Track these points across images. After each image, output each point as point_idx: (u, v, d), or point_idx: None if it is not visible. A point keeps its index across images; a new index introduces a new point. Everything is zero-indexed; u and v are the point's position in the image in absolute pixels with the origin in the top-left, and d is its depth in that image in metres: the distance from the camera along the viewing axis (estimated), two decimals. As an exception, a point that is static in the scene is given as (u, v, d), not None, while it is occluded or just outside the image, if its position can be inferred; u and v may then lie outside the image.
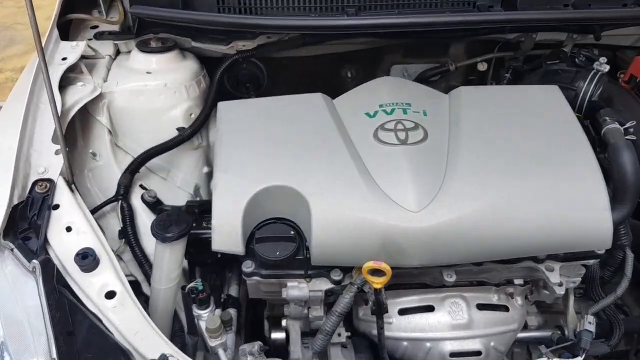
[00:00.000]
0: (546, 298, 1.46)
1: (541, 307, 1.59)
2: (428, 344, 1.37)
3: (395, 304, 1.39)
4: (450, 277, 1.31)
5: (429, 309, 1.39)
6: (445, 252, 1.22)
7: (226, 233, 1.23)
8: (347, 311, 1.24)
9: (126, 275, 1.55)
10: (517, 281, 1.41)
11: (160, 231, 1.27)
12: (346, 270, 1.28)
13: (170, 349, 1.10)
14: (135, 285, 1.54)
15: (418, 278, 1.39)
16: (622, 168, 1.31)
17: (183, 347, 1.38)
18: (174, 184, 1.76)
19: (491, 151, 1.29)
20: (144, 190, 1.61)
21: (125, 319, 1.10)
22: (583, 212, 1.22)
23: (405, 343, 1.38)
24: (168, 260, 1.30)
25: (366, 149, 1.30)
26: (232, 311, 1.50)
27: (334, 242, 1.21)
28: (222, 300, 1.49)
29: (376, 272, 1.16)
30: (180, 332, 1.40)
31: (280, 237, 1.24)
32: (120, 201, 1.54)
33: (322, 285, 1.28)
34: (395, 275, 1.36)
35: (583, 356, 1.32)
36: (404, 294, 1.40)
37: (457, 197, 1.21)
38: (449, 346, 1.36)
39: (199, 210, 1.51)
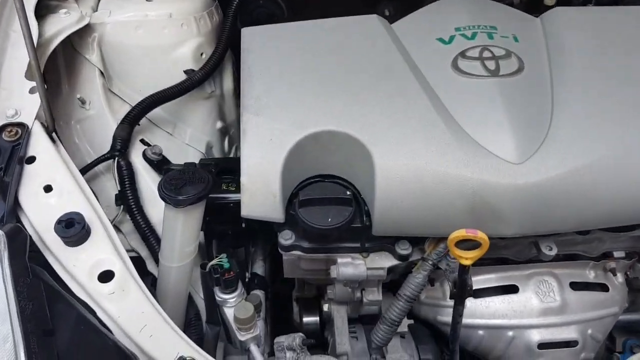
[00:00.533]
0: (641, 274, 1.18)
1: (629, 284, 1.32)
2: (510, 333, 1.09)
3: (468, 283, 1.11)
4: (549, 250, 1.01)
5: (512, 289, 1.10)
6: (552, 216, 0.92)
7: (260, 194, 0.93)
8: (418, 295, 0.95)
9: (127, 251, 1.27)
10: (617, 254, 1.13)
11: (171, 192, 0.96)
12: (415, 242, 0.99)
13: (190, 348, 0.81)
14: (138, 263, 1.24)
15: (497, 252, 1.10)
16: None
17: (200, 340, 1.09)
18: (182, 141, 1.44)
19: (606, 88, 0.98)
20: (146, 147, 1.30)
21: (127, 310, 0.80)
22: None
23: (481, 332, 1.10)
24: (182, 230, 1.00)
25: (443, 83, 0.99)
26: (260, 294, 1.21)
27: (405, 205, 0.91)
28: (246, 280, 1.20)
29: (462, 243, 0.86)
30: (197, 320, 1.11)
31: (331, 200, 0.94)
32: (116, 158, 1.22)
33: (384, 261, 0.99)
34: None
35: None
36: (480, 272, 1.11)
37: (569, 145, 0.91)
38: (537, 335, 1.08)
39: (216, 170, 1.21)
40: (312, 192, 0.94)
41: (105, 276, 0.82)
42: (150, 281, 1.10)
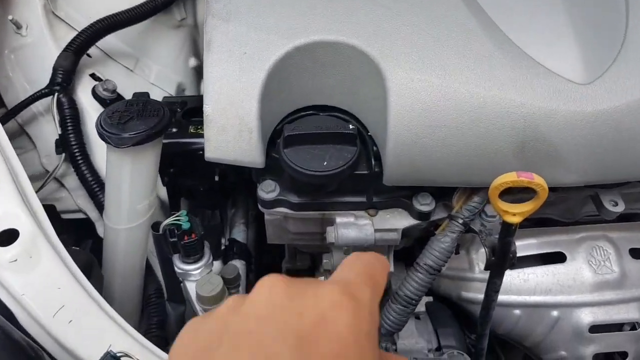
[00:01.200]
0: None
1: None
2: (555, 313, 0.86)
3: (500, 250, 0.87)
4: (614, 206, 0.77)
5: (557, 258, 0.87)
6: (628, 156, 0.68)
7: (231, 129, 0.68)
8: (444, 265, 0.71)
9: (71, 211, 1.03)
10: (684, 214, 0.90)
11: (112, 129, 0.72)
12: (439, 195, 0.74)
13: (127, 337, 0.57)
14: (85, 226, 1.00)
15: (541, 210, 0.86)
16: None
17: (162, 323, 0.86)
18: (147, 80, 1.18)
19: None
20: (96, 82, 1.04)
21: (35, 284, 0.56)
22: None
23: (517, 312, 0.87)
24: (130, 180, 0.75)
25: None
26: (239, 264, 0.98)
27: (428, 143, 0.66)
28: (222, 248, 0.96)
29: (505, 194, 0.62)
30: (158, 298, 0.87)
31: (327, 136, 0.68)
32: (56, 94, 0.97)
33: (398, 221, 0.75)
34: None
35: None
36: (516, 236, 0.87)
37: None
38: (589, 315, 0.85)
39: (183, 109, 0.96)
40: (302, 127, 0.69)
41: (6, 237, 0.58)
42: (89, 245, 0.86)
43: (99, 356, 0.53)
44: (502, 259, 0.69)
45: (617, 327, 0.85)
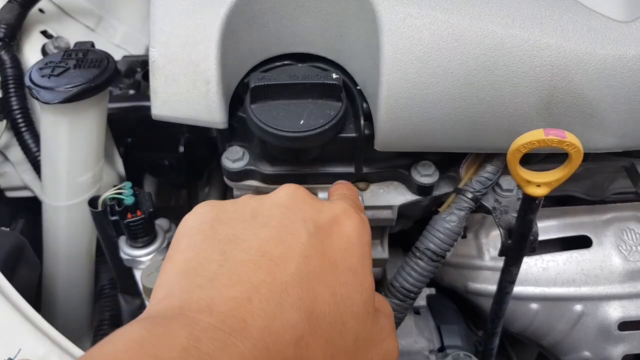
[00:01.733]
0: None
1: None
2: (578, 307, 0.73)
3: (514, 234, 0.74)
4: (658, 179, 0.64)
5: (582, 242, 0.74)
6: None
7: (184, 79, 0.54)
8: (449, 249, 0.58)
9: (16, 189, 0.90)
10: None
11: (43, 82, 0.59)
12: (443, 165, 0.61)
13: (44, 341, 0.44)
14: (32, 205, 0.87)
15: (562, 186, 0.73)
16: None
17: (116, 318, 0.73)
18: (110, 40, 1.04)
19: None
20: (47, 40, 0.90)
21: None
22: None
23: (534, 306, 0.74)
24: (67, 144, 0.62)
25: None
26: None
27: (432, 97, 0.52)
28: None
29: (524, 161, 0.49)
30: (112, 289, 0.74)
31: (306, 88, 0.55)
32: (-3, 52, 0.83)
33: (394, 196, 0.61)
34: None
35: None
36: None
37: None
38: (619, 310, 0.72)
39: (144, 69, 0.83)
40: (274, 77, 0.55)
41: None
42: (21, 225, 0.73)
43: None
44: (520, 243, 0.56)
45: (651, 324, 0.73)
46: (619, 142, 0.56)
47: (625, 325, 0.72)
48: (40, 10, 0.94)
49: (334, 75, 0.55)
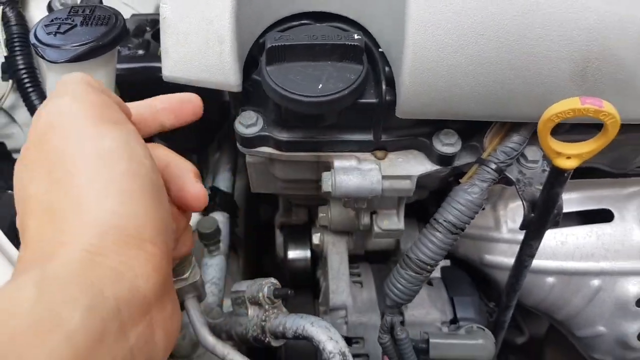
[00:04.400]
0: None
1: None
2: (596, 282, 0.71)
3: (533, 206, 0.72)
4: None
5: (603, 216, 0.72)
6: None
7: (196, 38, 0.51)
8: (469, 221, 0.56)
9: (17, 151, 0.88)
10: None
11: (48, 40, 0.56)
12: (466, 134, 0.58)
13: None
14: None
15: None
16: None
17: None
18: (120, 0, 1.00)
19: None
20: (53, -4, 0.87)
21: None
22: None
23: (550, 279, 0.72)
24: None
25: None
26: (221, 217, 0.84)
27: (461, 59, 0.49)
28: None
29: (555, 134, 0.46)
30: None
31: (326, 49, 0.52)
32: (2, 7, 0.80)
33: (413, 165, 0.59)
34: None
35: None
36: (554, 189, 0.72)
37: None
38: (637, 286, 0.71)
39: (153, 29, 0.79)
40: (291, 37, 0.52)
41: None
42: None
43: None
44: (544, 216, 0.54)
45: (671, 301, 0.71)
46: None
47: (644, 301, 0.71)
48: (45, -36, 0.90)
49: (356, 36, 0.52)
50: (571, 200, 0.72)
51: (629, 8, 0.48)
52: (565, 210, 0.72)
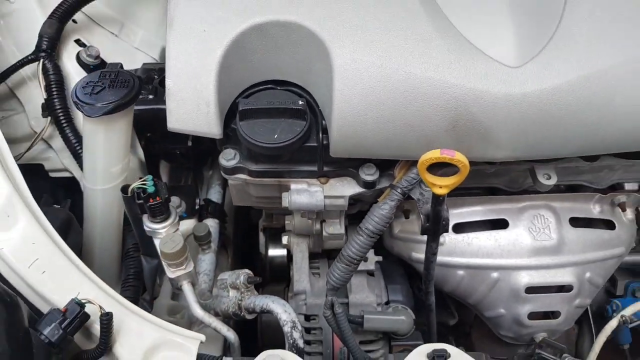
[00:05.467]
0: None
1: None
2: (495, 274, 0.93)
3: (450, 216, 0.94)
4: (548, 179, 0.84)
5: (500, 224, 0.94)
6: (554, 136, 0.74)
7: (190, 101, 0.74)
8: (383, 229, 0.78)
9: (58, 170, 1.11)
10: (629, 185, 0.95)
11: (85, 99, 0.79)
12: (384, 166, 0.81)
13: (94, 287, 0.66)
14: (71, 184, 1.08)
15: (486, 180, 0.93)
16: None
17: (138, 274, 0.95)
18: (131, 44, 1.23)
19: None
20: (81, 48, 1.10)
21: (12, 240, 0.65)
22: None
23: (460, 272, 0.95)
24: (103, 145, 0.83)
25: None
26: (212, 223, 1.06)
27: (370, 119, 0.72)
28: (197, 207, 1.04)
29: (437, 167, 0.69)
30: (135, 252, 0.96)
31: (280, 111, 0.75)
32: (41, 61, 1.03)
33: (346, 188, 0.82)
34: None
35: None
36: (463, 203, 0.94)
37: (580, 47, 0.71)
38: (526, 277, 0.93)
39: (160, 76, 1.02)
40: (256, 101, 0.75)
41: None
42: (69, 204, 0.95)
43: (67, 301, 0.61)
44: (435, 225, 0.77)
45: (552, 289, 0.93)
46: (510, 154, 0.75)
47: (531, 289, 0.93)
48: (74, 21, 1.13)
49: (300, 102, 0.75)
50: (477, 212, 0.94)
51: (483, 85, 0.70)
52: (473, 219, 0.94)
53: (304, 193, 0.81)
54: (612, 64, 0.71)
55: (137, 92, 0.81)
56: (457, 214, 0.94)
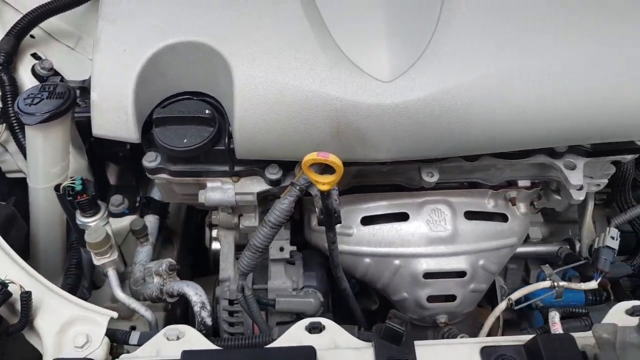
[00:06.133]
0: (557, 205, 1.13)
1: (546, 214, 1.27)
2: (397, 262, 1.05)
3: (358, 210, 1.06)
4: (430, 177, 0.96)
5: (402, 217, 1.06)
6: (423, 140, 0.86)
7: (112, 111, 0.86)
8: (284, 221, 0.89)
9: (14, 171, 1.23)
10: (522, 182, 1.07)
11: (25, 109, 0.90)
12: (288, 166, 0.93)
13: (19, 271, 0.77)
14: (24, 183, 1.19)
15: (388, 178, 1.05)
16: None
17: (79, 264, 1.07)
18: (86, 56, 1.34)
19: (501, 4, 0.88)
20: (36, 61, 1.21)
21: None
22: (623, 85, 0.85)
23: (367, 260, 1.06)
24: (43, 149, 0.95)
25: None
26: (152, 219, 1.17)
27: (266, 126, 0.84)
28: (137, 204, 1.16)
29: (324, 168, 0.81)
30: (78, 244, 1.08)
31: (190, 119, 0.87)
32: (-1, 73, 1.14)
33: (254, 186, 0.94)
34: (359, 174, 1.03)
35: (599, 279, 1.01)
36: (370, 199, 1.06)
37: (446, 62, 0.83)
38: (424, 264, 1.05)
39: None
40: (170, 111, 0.87)
41: None
42: (13, 201, 1.06)
43: (-5, 283, 0.73)
44: (328, 218, 0.88)
45: (447, 274, 1.05)
46: (388, 156, 0.87)
47: (429, 275, 1.04)
48: (31, 36, 1.24)
49: (207, 111, 0.86)
50: (382, 206, 1.06)
51: (359, 97, 0.82)
52: (378, 212, 1.06)
53: (217, 190, 0.92)
54: (470, 79, 0.82)
55: (72, 103, 0.93)
56: (364, 208, 1.06)
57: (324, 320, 0.79)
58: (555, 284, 1.01)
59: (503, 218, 1.08)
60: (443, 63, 0.83)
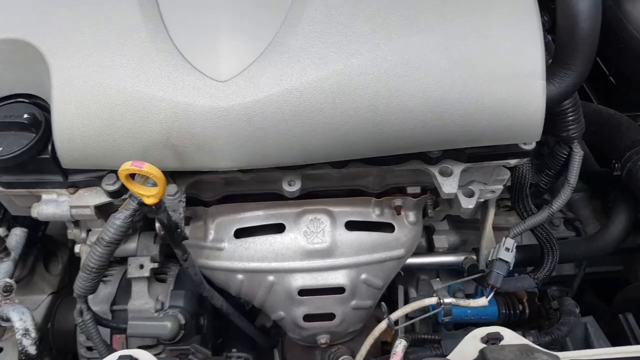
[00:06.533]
0: (460, 212, 1.04)
1: (459, 222, 1.19)
2: (270, 277, 0.96)
3: (233, 222, 0.97)
4: (292, 186, 0.87)
5: (278, 228, 0.97)
6: (273, 146, 0.77)
7: None
8: (120, 239, 0.79)
9: None
10: (411, 189, 0.99)
11: None
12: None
13: None
14: None
15: (260, 186, 0.96)
16: (569, 6, 0.79)
17: None
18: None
19: (355, 3, 0.79)
20: None
21: None
22: (498, 81, 0.76)
23: (240, 276, 0.97)
24: None
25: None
26: (19, 232, 1.07)
27: (88, 132, 0.75)
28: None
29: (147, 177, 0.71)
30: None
31: (8, 124, 0.77)
32: None
33: (93, 198, 0.84)
34: (229, 182, 0.94)
35: (490, 296, 0.93)
36: (245, 209, 0.97)
37: (289, 61, 0.74)
38: (299, 280, 0.96)
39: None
40: (-12, 115, 0.77)
41: None
42: None
43: None
44: (170, 233, 0.79)
45: (324, 291, 0.96)
46: (232, 164, 0.78)
47: (304, 292, 0.96)
48: None
49: (25, 116, 0.77)
50: (258, 217, 0.97)
51: (192, 99, 0.73)
52: (253, 224, 0.97)
53: (51, 204, 0.83)
54: (316, 77, 0.74)
55: None
56: (238, 220, 0.97)
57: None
58: (442, 300, 0.93)
59: (389, 228, 1.00)
60: (285, 62, 0.74)
